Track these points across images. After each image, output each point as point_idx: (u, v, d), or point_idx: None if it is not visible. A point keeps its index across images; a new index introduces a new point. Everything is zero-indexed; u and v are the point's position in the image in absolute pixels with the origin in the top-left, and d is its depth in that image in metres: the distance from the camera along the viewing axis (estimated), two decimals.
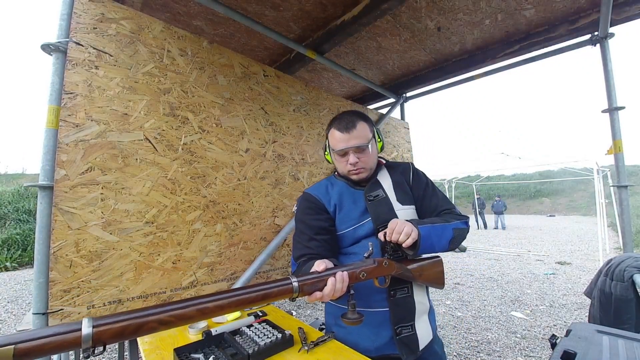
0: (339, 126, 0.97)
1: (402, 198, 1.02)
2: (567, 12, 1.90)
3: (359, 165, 0.98)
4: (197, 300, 0.58)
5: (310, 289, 0.70)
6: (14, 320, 3.81)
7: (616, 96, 1.84)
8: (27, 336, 0.45)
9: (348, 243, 1.00)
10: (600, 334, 0.77)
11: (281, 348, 0.91)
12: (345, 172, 1.02)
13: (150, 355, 0.90)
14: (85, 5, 1.19)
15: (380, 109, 3.22)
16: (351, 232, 0.99)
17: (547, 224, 14.74)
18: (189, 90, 1.49)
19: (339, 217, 1.01)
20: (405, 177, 1.08)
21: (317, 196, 1.04)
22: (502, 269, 5.76)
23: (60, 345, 0.47)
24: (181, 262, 1.41)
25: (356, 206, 1.01)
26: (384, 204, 1.00)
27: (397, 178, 1.06)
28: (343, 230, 1.00)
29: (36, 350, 0.45)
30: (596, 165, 7.42)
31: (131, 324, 0.51)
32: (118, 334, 0.50)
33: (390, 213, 0.98)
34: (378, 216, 0.97)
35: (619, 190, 1.83)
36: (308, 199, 1.05)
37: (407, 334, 0.93)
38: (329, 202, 1.03)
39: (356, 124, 0.96)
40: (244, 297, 0.63)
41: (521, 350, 2.65)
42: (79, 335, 0.48)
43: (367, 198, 1.00)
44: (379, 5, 1.66)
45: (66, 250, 1.10)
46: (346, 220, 1.00)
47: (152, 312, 0.54)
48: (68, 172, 1.12)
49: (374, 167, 1.04)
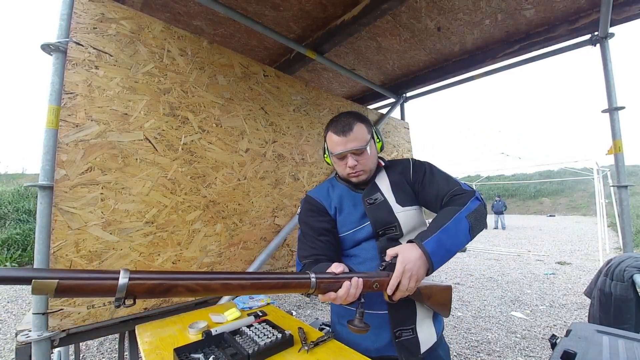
0: (336, 129, 0.96)
1: (402, 199, 1.00)
2: (567, 12, 1.90)
3: (358, 168, 0.97)
4: (222, 275, 0.62)
5: (326, 288, 0.71)
6: (13, 320, 3.81)
7: (616, 96, 1.84)
8: (71, 275, 0.49)
9: (348, 246, 1.00)
10: (600, 334, 0.77)
11: (281, 348, 0.91)
12: (344, 175, 1.02)
13: (150, 355, 0.90)
14: (85, 5, 1.19)
15: (380, 109, 3.22)
16: (351, 235, 0.99)
17: (547, 224, 14.74)
18: (189, 90, 1.49)
19: (340, 220, 1.02)
20: (405, 176, 1.05)
21: (318, 199, 1.05)
22: (502, 269, 5.76)
23: (97, 289, 0.50)
24: (181, 262, 1.41)
25: (356, 209, 1.01)
26: (383, 207, 0.98)
27: (395, 178, 1.04)
28: (343, 233, 1.00)
29: (76, 289, 0.48)
30: (596, 165, 7.43)
31: (163, 284, 0.55)
32: (149, 290, 0.54)
33: (390, 216, 0.97)
34: (377, 220, 0.97)
35: (619, 190, 1.83)
36: (310, 202, 1.06)
37: (407, 337, 0.93)
38: (329, 205, 1.03)
39: (353, 126, 0.95)
40: (266, 281, 0.66)
41: (521, 350, 2.66)
42: (115, 283, 0.51)
43: (366, 202, 1.00)
44: (379, 5, 1.66)
45: (66, 250, 1.10)
46: (346, 224, 1.00)
47: (181, 277, 0.57)
48: (68, 172, 1.12)
49: (374, 168, 1.03)
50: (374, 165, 1.03)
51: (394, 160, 1.12)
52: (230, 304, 1.38)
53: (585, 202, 20.30)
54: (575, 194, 22.14)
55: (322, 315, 3.65)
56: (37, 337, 1.02)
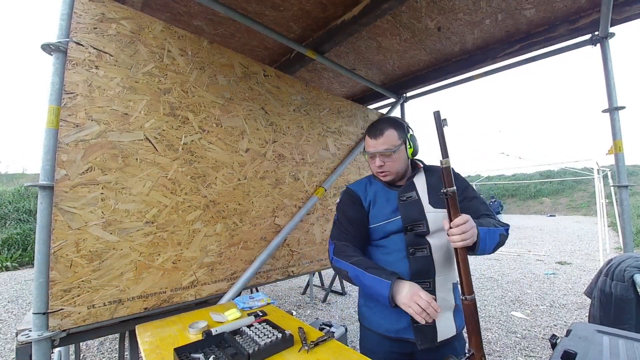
0: (370, 132, 1.10)
1: (435, 201, 1.06)
2: (568, 12, 1.90)
3: (384, 169, 1.08)
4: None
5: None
6: (14, 320, 3.81)
7: (616, 96, 1.83)
8: None
9: (378, 236, 1.09)
10: (600, 334, 0.77)
11: (281, 348, 0.91)
12: (375, 172, 1.14)
13: (150, 355, 0.90)
14: (85, 5, 1.19)
15: (381, 109, 3.22)
16: (382, 227, 1.07)
17: (548, 224, 14.73)
18: (189, 90, 1.49)
19: (372, 212, 1.11)
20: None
21: (356, 191, 1.16)
22: (502, 269, 5.76)
23: None
24: (181, 262, 1.41)
25: (389, 204, 1.09)
26: (415, 205, 1.06)
27: (433, 181, 1.11)
28: (374, 224, 1.09)
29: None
30: (596, 165, 7.41)
31: None
32: None
33: (420, 214, 1.04)
34: (407, 215, 1.05)
35: (619, 190, 1.82)
36: (349, 193, 1.17)
37: (425, 324, 0.96)
38: (365, 198, 1.13)
39: (384, 132, 1.06)
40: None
41: (521, 350, 2.65)
42: None
43: (400, 198, 1.08)
44: (379, 5, 1.66)
45: (66, 250, 1.10)
46: (378, 215, 1.09)
47: None
48: (68, 172, 1.12)
49: (402, 172, 1.11)
50: (402, 168, 1.11)
51: (435, 165, 1.17)
52: (231, 304, 1.38)
53: (585, 202, 20.28)
54: (575, 194, 22.12)
55: (322, 315, 3.65)
56: (38, 337, 1.02)
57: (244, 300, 1.35)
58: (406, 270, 1.01)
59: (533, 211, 22.48)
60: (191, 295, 1.43)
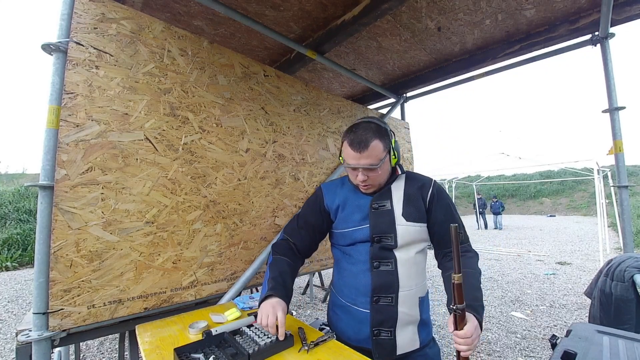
0: (352, 142, 0.95)
1: (408, 213, 1.00)
2: (568, 12, 1.90)
3: (368, 182, 0.99)
4: None
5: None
6: (14, 320, 3.82)
7: (616, 96, 1.83)
8: None
9: (345, 242, 1.05)
10: (600, 334, 0.77)
11: (281, 348, 0.91)
12: (355, 184, 1.05)
13: (150, 355, 0.90)
14: (85, 5, 1.19)
15: (381, 109, 3.22)
16: (349, 233, 1.03)
17: (548, 224, 14.73)
18: (189, 90, 1.49)
19: (340, 216, 1.06)
20: (423, 193, 1.04)
21: (325, 193, 1.13)
22: (503, 269, 5.76)
23: None
24: (181, 262, 1.41)
25: (359, 210, 1.04)
26: (387, 215, 1.00)
27: (411, 191, 1.04)
28: (342, 229, 1.05)
29: None
30: (596, 165, 7.41)
31: None
32: None
33: (390, 227, 0.99)
34: (376, 226, 1.00)
35: (620, 191, 1.82)
36: (317, 194, 1.15)
37: (385, 337, 0.98)
38: (332, 201, 1.09)
39: (369, 143, 0.93)
40: None
41: (521, 350, 2.65)
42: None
43: (372, 206, 1.02)
44: (379, 5, 1.66)
45: (66, 250, 1.10)
46: (347, 221, 1.04)
47: None
48: (68, 172, 1.12)
49: (384, 182, 1.04)
50: (385, 179, 1.04)
51: (417, 174, 1.11)
52: (231, 304, 1.38)
53: (585, 202, 20.28)
54: (575, 194, 22.12)
55: (322, 315, 3.65)
56: (38, 336, 1.02)
57: (244, 300, 1.35)
58: (368, 283, 0.98)
59: (533, 211, 22.48)
60: (191, 296, 1.43)
